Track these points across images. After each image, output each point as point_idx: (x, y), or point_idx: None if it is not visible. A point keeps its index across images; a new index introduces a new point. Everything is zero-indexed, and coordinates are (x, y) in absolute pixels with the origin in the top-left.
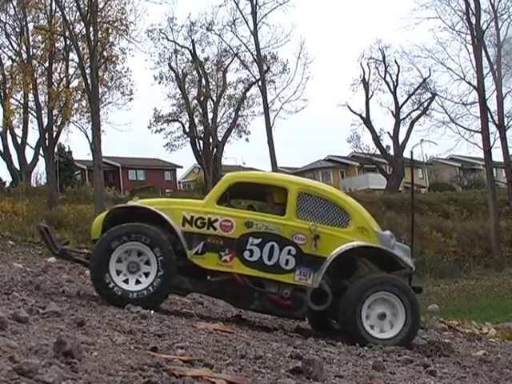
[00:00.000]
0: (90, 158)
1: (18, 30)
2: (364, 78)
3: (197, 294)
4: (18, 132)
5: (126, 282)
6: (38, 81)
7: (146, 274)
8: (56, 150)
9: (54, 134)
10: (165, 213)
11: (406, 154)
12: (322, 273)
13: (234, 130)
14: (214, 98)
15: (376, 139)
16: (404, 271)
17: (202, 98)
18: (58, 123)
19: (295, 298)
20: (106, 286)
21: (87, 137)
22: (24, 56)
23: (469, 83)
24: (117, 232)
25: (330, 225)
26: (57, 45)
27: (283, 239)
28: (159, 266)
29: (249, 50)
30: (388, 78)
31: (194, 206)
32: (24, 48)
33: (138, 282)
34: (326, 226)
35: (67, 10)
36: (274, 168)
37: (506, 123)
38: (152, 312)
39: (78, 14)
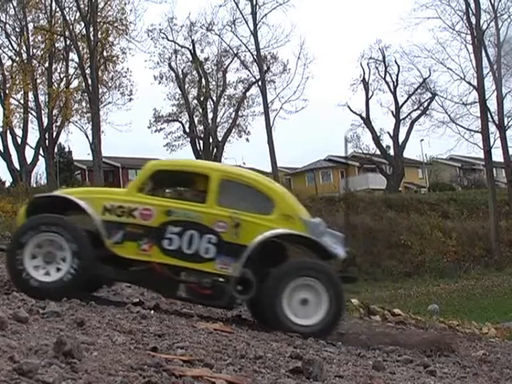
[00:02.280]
0: (90, 158)
1: (18, 29)
2: (364, 78)
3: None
4: (18, 132)
5: (48, 274)
6: (38, 81)
7: (64, 259)
8: (56, 149)
9: (54, 134)
10: (84, 202)
11: (406, 154)
12: (242, 261)
13: (233, 129)
14: (214, 98)
15: (376, 139)
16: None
17: (202, 98)
18: (58, 123)
19: (216, 287)
20: (27, 285)
21: (87, 137)
22: (24, 56)
23: (469, 83)
24: (21, 230)
25: (252, 212)
26: (57, 45)
27: (203, 227)
28: (72, 248)
29: (249, 50)
30: (388, 78)
31: (115, 194)
32: (24, 48)
33: (58, 269)
34: (248, 214)
35: (67, 10)
36: (274, 168)
37: (506, 123)
38: (152, 312)
39: (78, 14)
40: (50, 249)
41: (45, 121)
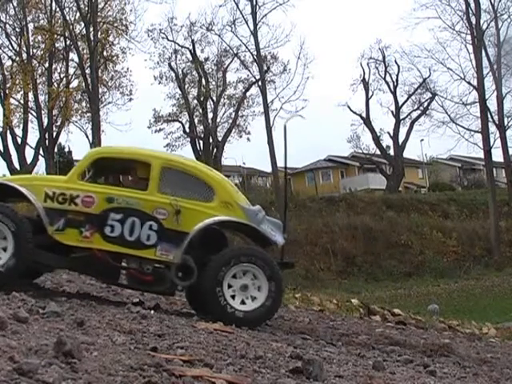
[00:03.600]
0: None
1: (18, 29)
2: (364, 78)
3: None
4: (18, 132)
5: None
6: (37, 81)
7: (5, 247)
8: (56, 149)
9: (54, 134)
10: (26, 189)
11: (406, 154)
12: (183, 248)
13: (234, 129)
14: (214, 98)
15: (376, 139)
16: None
17: (202, 98)
18: (58, 123)
19: (157, 274)
20: None
21: (87, 137)
22: (24, 56)
23: (469, 83)
24: None
25: (193, 199)
26: (57, 45)
27: (144, 214)
28: (14, 235)
29: (249, 50)
30: (388, 78)
31: (56, 182)
32: (24, 48)
33: None
34: (189, 201)
35: (67, 10)
36: (274, 168)
37: (506, 123)
38: (152, 312)
39: (78, 14)
40: None
41: (45, 121)
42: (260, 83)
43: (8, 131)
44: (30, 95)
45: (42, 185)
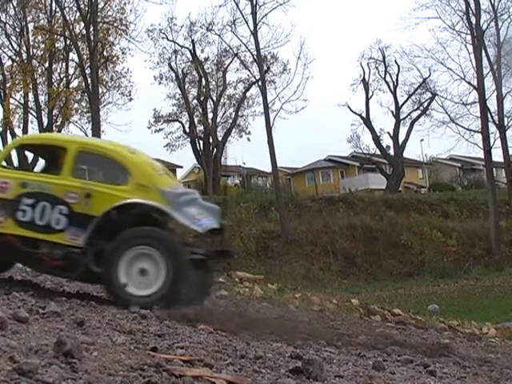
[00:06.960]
0: None
1: (18, 29)
2: (364, 77)
3: None
4: (18, 132)
5: None
6: (37, 81)
7: None
8: None
9: None
10: None
11: (406, 154)
12: (89, 231)
13: (234, 129)
14: (214, 98)
15: (376, 139)
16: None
17: (202, 98)
18: (58, 123)
19: (69, 259)
20: None
21: (87, 137)
22: (24, 56)
23: (469, 83)
24: None
25: (106, 183)
26: (57, 45)
27: (55, 199)
28: None
29: (249, 50)
30: (388, 78)
31: None
32: (24, 48)
33: None
34: (102, 184)
35: (67, 9)
36: (274, 168)
37: (506, 123)
38: (152, 312)
39: (78, 14)
40: None
41: (45, 121)
42: (260, 83)
43: (8, 131)
44: (30, 95)
45: None
